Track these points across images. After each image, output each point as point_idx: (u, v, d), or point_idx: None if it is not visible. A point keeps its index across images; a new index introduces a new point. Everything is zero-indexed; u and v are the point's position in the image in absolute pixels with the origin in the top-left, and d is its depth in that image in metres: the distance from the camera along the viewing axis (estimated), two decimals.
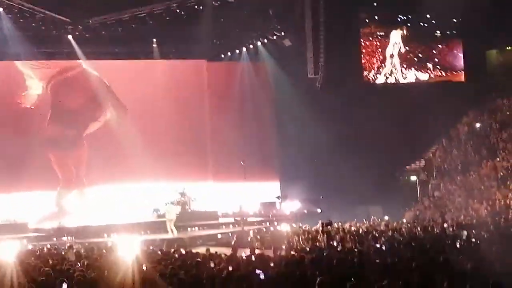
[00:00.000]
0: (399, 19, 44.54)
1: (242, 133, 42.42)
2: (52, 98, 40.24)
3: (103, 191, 39.98)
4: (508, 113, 40.83)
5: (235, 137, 41.66)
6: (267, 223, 37.10)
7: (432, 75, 44.83)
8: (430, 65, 44.90)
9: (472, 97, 42.30)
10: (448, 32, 45.23)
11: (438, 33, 44.95)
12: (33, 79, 39.80)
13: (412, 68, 44.64)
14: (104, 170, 39.35)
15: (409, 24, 44.59)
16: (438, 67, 44.95)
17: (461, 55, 45.10)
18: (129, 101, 40.90)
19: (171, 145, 40.91)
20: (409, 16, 44.56)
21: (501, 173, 36.28)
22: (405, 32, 44.54)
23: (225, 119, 41.99)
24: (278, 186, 43.21)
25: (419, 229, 27.08)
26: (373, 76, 44.45)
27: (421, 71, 44.77)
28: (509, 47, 45.99)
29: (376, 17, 44.27)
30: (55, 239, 32.70)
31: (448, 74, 44.97)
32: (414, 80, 44.54)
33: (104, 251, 22.74)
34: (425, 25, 44.75)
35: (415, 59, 44.85)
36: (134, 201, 39.45)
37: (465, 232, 23.25)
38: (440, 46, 45.32)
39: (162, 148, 40.26)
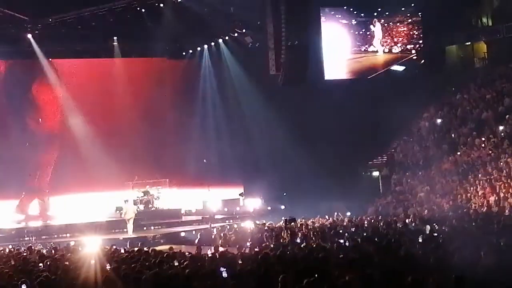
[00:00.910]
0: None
1: (204, 131, 42.39)
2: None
3: (66, 200, 39.39)
4: (467, 108, 41.19)
5: (197, 136, 41.64)
6: (231, 221, 37.09)
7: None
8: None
9: (432, 92, 42.63)
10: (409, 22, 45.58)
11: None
12: None
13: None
14: (64, 178, 38.80)
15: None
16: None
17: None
18: (89, 102, 40.45)
19: (133, 147, 40.50)
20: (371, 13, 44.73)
21: (462, 168, 36.60)
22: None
23: (187, 118, 41.93)
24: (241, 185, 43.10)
25: (381, 224, 27.27)
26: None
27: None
28: (468, 43, 46.41)
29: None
30: (16, 239, 32.35)
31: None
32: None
33: (66, 251, 22.60)
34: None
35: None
36: (96, 201, 39.07)
37: (427, 227, 23.45)
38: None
39: (123, 151, 39.73)
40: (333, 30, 43.87)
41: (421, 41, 44.86)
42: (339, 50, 44.12)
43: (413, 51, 44.77)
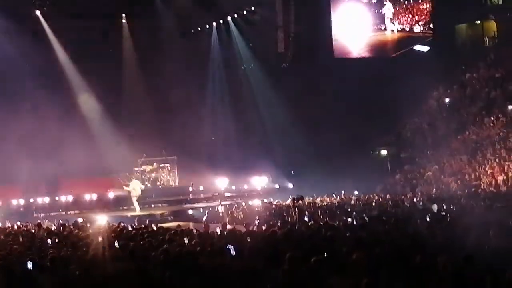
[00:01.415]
0: None
1: (212, 109, 42.35)
2: None
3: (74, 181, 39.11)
4: (477, 87, 41.02)
5: (205, 113, 41.61)
6: (239, 199, 37.08)
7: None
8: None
9: (441, 71, 42.41)
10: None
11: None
12: None
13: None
14: (73, 158, 38.57)
15: None
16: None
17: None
18: (98, 79, 40.29)
19: (140, 125, 40.38)
20: None
21: (471, 147, 36.51)
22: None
23: (195, 96, 41.87)
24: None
25: (389, 203, 27.24)
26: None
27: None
28: (478, 22, 46.14)
29: None
30: (25, 216, 32.36)
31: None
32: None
33: (74, 227, 22.64)
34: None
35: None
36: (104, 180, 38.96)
37: (434, 206, 23.38)
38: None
39: (131, 128, 39.60)
40: (353, 9, 43.73)
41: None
42: (357, 28, 44.09)
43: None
